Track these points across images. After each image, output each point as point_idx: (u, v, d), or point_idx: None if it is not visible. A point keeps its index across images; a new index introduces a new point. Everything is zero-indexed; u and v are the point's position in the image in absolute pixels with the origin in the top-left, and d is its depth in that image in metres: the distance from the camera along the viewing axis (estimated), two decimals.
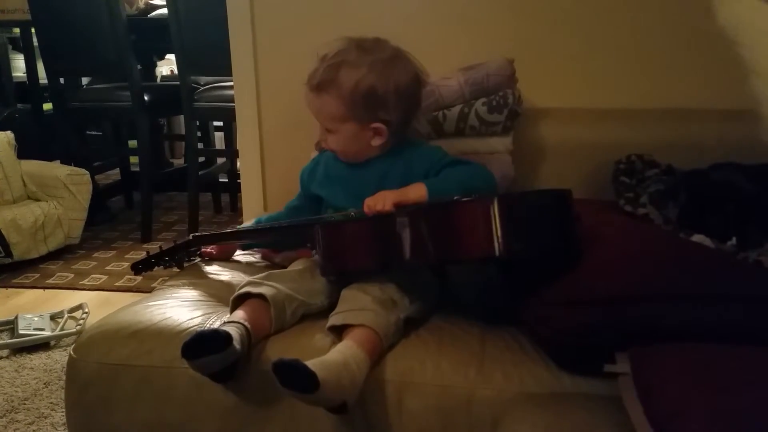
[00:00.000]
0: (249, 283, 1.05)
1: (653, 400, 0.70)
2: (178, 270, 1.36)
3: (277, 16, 1.78)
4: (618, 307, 0.88)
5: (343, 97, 1.12)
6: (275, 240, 1.33)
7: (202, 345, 0.88)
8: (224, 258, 1.38)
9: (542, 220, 0.94)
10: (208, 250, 1.37)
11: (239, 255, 1.41)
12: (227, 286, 1.21)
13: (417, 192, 1.08)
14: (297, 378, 0.82)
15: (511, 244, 0.89)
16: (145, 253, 1.37)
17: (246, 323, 0.96)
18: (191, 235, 1.34)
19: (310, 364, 0.83)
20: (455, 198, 0.98)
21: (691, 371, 0.71)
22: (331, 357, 0.88)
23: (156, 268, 1.36)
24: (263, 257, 1.39)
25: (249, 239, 1.35)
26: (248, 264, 1.37)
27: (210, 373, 0.92)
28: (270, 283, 1.04)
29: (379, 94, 1.12)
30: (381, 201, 1.05)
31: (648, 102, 1.56)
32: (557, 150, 1.53)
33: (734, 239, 1.13)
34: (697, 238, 1.14)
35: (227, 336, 0.89)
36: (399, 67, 1.15)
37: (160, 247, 1.35)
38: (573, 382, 0.92)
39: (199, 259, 1.37)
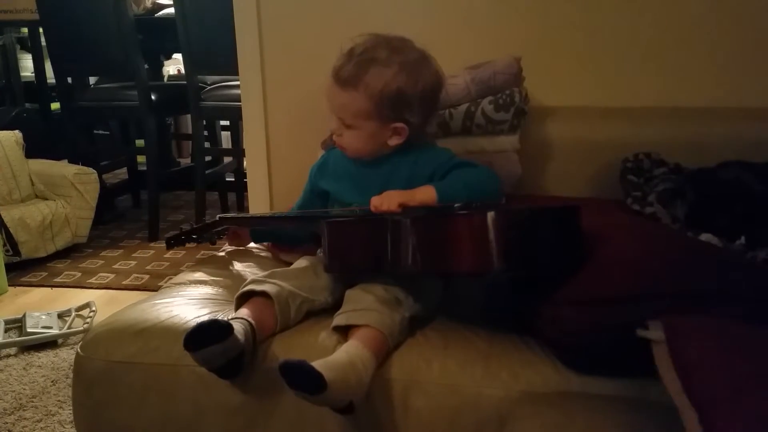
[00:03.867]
0: (252, 281, 1.05)
1: (695, 380, 0.69)
2: (211, 245, 1.42)
3: (283, 15, 1.78)
4: (627, 307, 0.87)
5: (372, 96, 1.10)
6: (294, 230, 1.34)
7: (203, 335, 0.88)
8: (240, 245, 1.43)
9: (540, 240, 0.92)
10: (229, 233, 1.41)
11: (250, 246, 1.45)
12: (233, 284, 1.21)
13: (425, 194, 1.07)
14: (304, 379, 0.82)
15: (506, 264, 0.88)
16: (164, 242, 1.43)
17: (250, 320, 0.96)
18: (218, 216, 1.37)
19: (317, 364, 0.83)
20: (456, 206, 0.98)
21: (733, 354, 0.71)
22: (338, 357, 0.88)
23: (187, 244, 1.39)
24: (270, 252, 1.41)
25: (273, 224, 1.37)
26: (257, 258, 1.38)
27: (214, 367, 0.92)
28: (273, 280, 1.04)
29: (406, 95, 1.11)
30: (387, 201, 1.05)
31: (656, 100, 1.56)
32: (564, 148, 1.52)
33: (743, 238, 1.12)
34: (705, 237, 1.13)
35: (228, 326, 0.89)
36: (425, 69, 1.14)
37: (191, 224, 1.40)
38: (581, 382, 0.91)
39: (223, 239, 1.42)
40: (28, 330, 1.85)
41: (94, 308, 2.01)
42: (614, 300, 0.88)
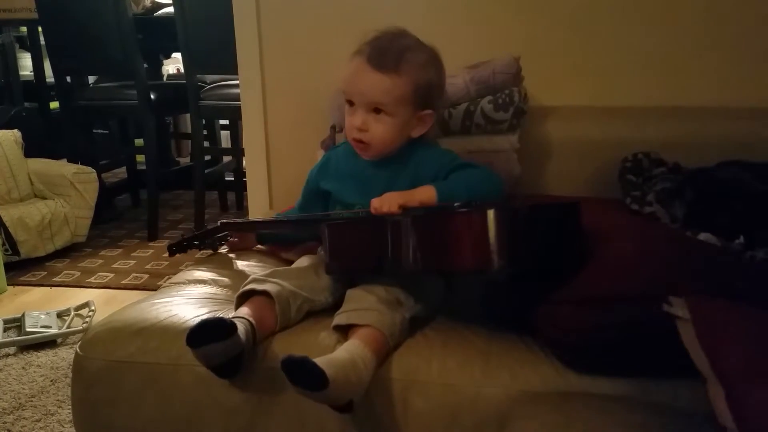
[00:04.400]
0: (253, 281, 1.04)
1: (722, 358, 0.70)
2: (212, 252, 1.40)
3: (282, 14, 1.78)
4: (626, 306, 0.87)
5: (413, 81, 1.11)
6: (296, 232, 1.34)
7: (206, 332, 0.88)
8: (245, 249, 1.41)
9: (540, 236, 0.92)
10: (231, 240, 1.40)
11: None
12: (233, 284, 1.21)
13: (425, 194, 1.07)
14: (306, 376, 0.82)
15: (507, 261, 0.88)
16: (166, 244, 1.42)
17: (251, 319, 0.96)
18: (219, 221, 1.36)
19: (319, 361, 0.83)
20: (456, 205, 0.98)
21: (754, 333, 0.72)
22: (339, 355, 0.88)
23: (189, 250, 1.39)
24: (271, 250, 1.40)
25: (274, 229, 1.37)
26: (257, 257, 1.38)
27: (214, 365, 0.92)
28: (274, 280, 1.04)
29: (436, 83, 1.16)
30: (387, 203, 1.05)
31: (655, 100, 1.56)
32: (564, 148, 1.52)
33: (741, 238, 1.12)
34: (704, 236, 1.13)
35: (231, 324, 0.89)
36: (441, 61, 1.18)
37: (193, 230, 1.40)
38: (580, 382, 0.91)
39: (225, 246, 1.41)
40: (27, 329, 1.85)
41: (93, 307, 2.01)
42: (613, 299, 0.89)
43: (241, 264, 1.33)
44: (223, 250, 1.42)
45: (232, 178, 3.34)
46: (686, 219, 1.24)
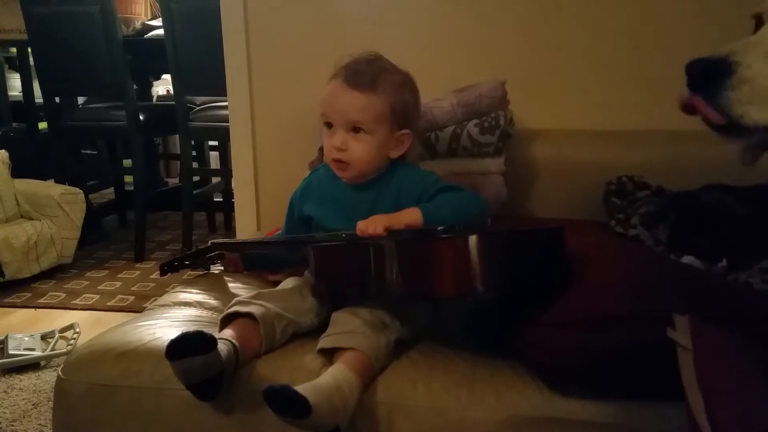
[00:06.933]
0: (237, 303, 1.04)
1: (719, 407, 0.69)
2: (205, 271, 1.41)
3: (271, 37, 1.80)
4: (609, 329, 0.88)
5: (389, 100, 1.14)
6: (285, 253, 1.34)
7: (185, 345, 0.87)
8: (234, 270, 1.42)
9: (523, 261, 0.93)
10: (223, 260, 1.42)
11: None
12: (218, 306, 1.21)
13: (410, 216, 1.08)
14: (288, 404, 0.82)
15: (488, 286, 0.89)
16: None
17: (234, 341, 0.95)
18: (210, 241, 1.37)
19: (302, 389, 0.83)
20: (439, 229, 0.99)
21: (754, 380, 0.71)
22: (323, 381, 0.88)
23: (181, 269, 1.39)
24: (257, 275, 1.40)
25: (264, 249, 1.38)
26: (243, 279, 1.38)
27: (193, 382, 0.90)
28: (259, 302, 1.03)
29: (411, 104, 1.19)
30: (372, 225, 1.06)
31: (639, 123, 1.58)
32: (549, 171, 1.53)
33: (724, 261, 1.13)
34: (687, 259, 1.15)
35: (212, 339, 0.88)
36: (415, 84, 1.21)
37: (183, 249, 1.41)
38: (566, 406, 0.91)
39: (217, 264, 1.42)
40: (10, 352, 1.82)
41: (78, 329, 1.99)
42: (597, 322, 0.89)
43: (226, 286, 1.33)
44: (216, 270, 1.42)
45: (221, 199, 3.34)
46: (670, 242, 1.25)
